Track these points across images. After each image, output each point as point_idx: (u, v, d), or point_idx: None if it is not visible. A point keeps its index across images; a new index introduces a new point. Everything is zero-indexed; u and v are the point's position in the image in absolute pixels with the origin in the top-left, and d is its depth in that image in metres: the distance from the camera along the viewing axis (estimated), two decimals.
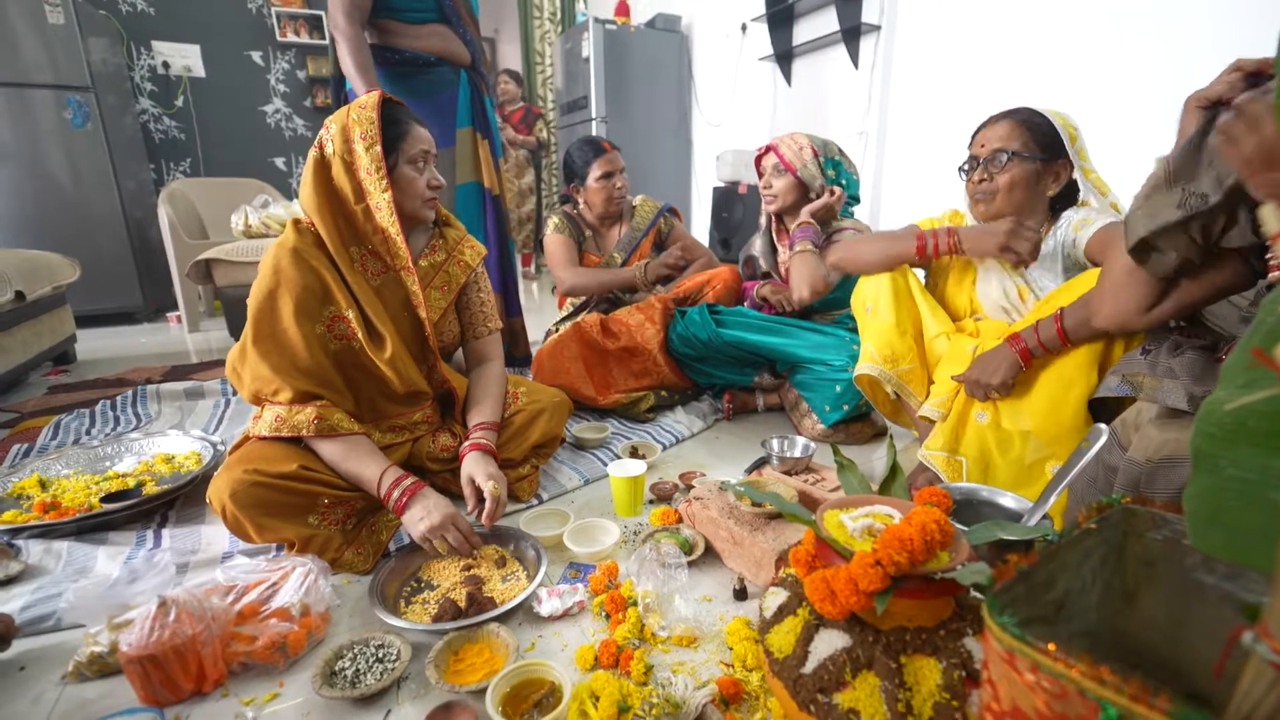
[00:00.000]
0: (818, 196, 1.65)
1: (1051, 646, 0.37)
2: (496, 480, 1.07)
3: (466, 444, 1.13)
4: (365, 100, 1.06)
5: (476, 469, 1.08)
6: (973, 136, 1.23)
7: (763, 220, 1.83)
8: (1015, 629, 0.40)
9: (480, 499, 1.07)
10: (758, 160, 1.73)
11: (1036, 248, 1.13)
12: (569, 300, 2.06)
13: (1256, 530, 0.40)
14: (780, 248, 1.79)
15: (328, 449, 1.03)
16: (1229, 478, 0.43)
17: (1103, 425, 0.76)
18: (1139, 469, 0.73)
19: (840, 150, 1.71)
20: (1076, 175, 1.17)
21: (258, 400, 1.05)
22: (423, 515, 0.98)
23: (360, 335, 1.08)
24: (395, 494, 1.00)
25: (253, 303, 1.04)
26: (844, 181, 1.68)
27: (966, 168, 1.22)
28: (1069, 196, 1.21)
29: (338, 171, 1.06)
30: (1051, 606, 0.52)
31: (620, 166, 1.92)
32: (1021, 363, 1.08)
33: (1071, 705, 0.37)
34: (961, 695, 0.55)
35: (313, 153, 1.07)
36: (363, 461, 1.03)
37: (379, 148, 1.04)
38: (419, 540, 0.99)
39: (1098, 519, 0.53)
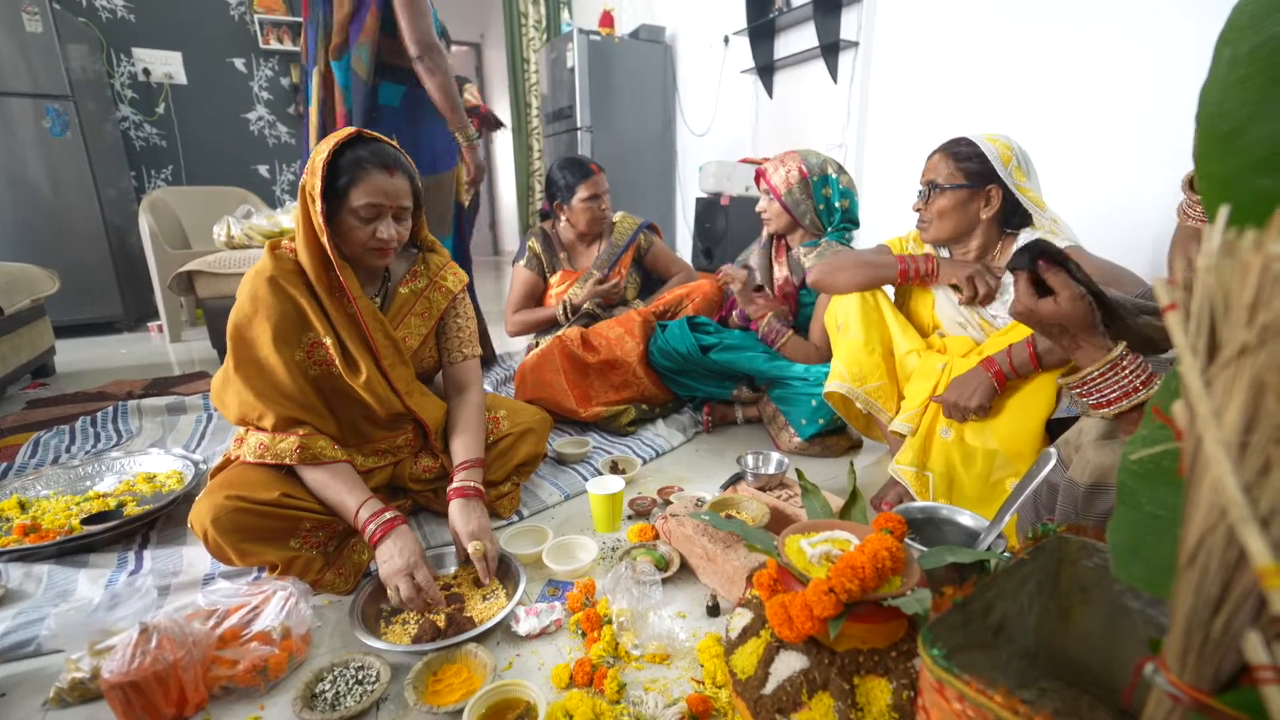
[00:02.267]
0: (807, 224, 1.69)
1: (972, 680, 0.41)
2: (480, 537, 1.04)
3: (451, 488, 1.11)
4: (337, 135, 1.03)
5: (460, 524, 1.06)
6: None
7: (764, 233, 1.86)
8: (944, 661, 0.43)
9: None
10: (755, 181, 1.78)
11: (990, 295, 1.21)
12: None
13: (1169, 563, 0.43)
14: (776, 265, 1.82)
15: (310, 475, 1.04)
16: (1147, 514, 0.47)
17: (1051, 450, 0.80)
18: (1077, 489, 0.78)
19: (839, 167, 1.71)
20: (1014, 193, 1.21)
21: (244, 424, 1.06)
22: (388, 557, 0.97)
23: (338, 361, 1.08)
24: (371, 527, 1.00)
25: (232, 330, 1.04)
26: (844, 202, 1.70)
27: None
28: (1016, 213, 1.24)
29: (309, 204, 1.04)
30: (990, 631, 0.56)
31: (605, 188, 1.96)
32: (997, 386, 1.11)
33: None
34: (910, 715, 0.58)
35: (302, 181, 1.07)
36: (343, 490, 1.03)
37: (319, 187, 1.00)
38: (383, 581, 0.98)
39: (1033, 548, 0.57)
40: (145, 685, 0.77)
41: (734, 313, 1.87)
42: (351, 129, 1.05)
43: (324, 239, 1.03)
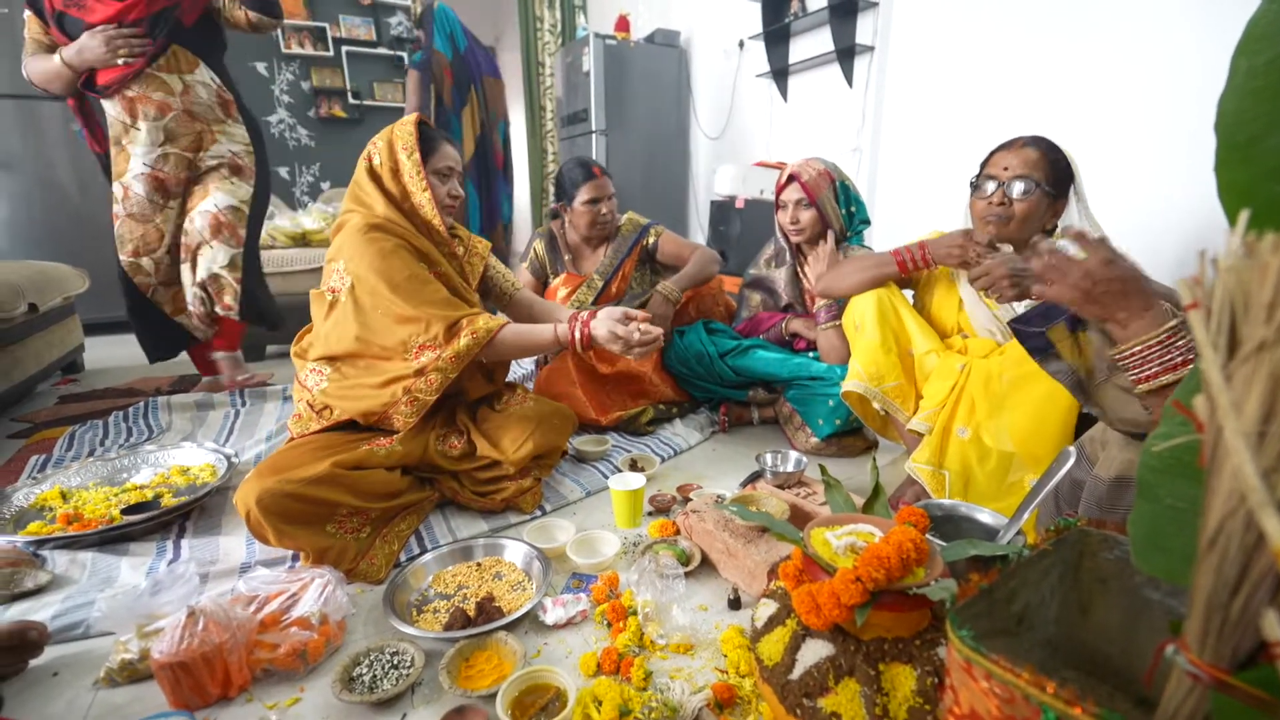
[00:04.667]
0: (837, 229, 1.70)
1: (999, 658, 0.43)
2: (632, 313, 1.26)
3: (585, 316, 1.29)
4: (405, 120, 1.29)
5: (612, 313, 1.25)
6: (991, 155, 1.23)
7: (770, 248, 1.85)
8: (971, 641, 0.45)
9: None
10: (779, 189, 1.72)
11: (1003, 281, 1.11)
12: None
13: (1188, 553, 0.45)
14: (803, 278, 1.81)
15: (500, 348, 1.23)
16: (1166, 506, 0.49)
17: (1070, 448, 0.82)
18: (1102, 485, 0.79)
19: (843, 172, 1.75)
20: (1074, 207, 1.20)
21: (404, 349, 1.18)
22: (602, 333, 1.21)
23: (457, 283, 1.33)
24: (575, 335, 1.22)
25: (369, 264, 1.19)
26: (853, 208, 1.73)
27: (977, 184, 1.23)
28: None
29: (386, 178, 1.28)
30: (1013, 619, 0.58)
31: (609, 193, 1.91)
32: None
33: (1018, 709, 0.43)
34: (934, 700, 0.61)
35: (362, 164, 1.30)
36: (530, 335, 1.25)
37: (418, 155, 1.26)
38: (618, 350, 1.22)
39: (1054, 540, 0.59)
40: (193, 665, 0.80)
41: (765, 331, 1.84)
42: (416, 115, 1.31)
43: (425, 195, 1.27)
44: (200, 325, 2.05)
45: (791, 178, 1.67)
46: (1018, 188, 1.17)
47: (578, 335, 1.21)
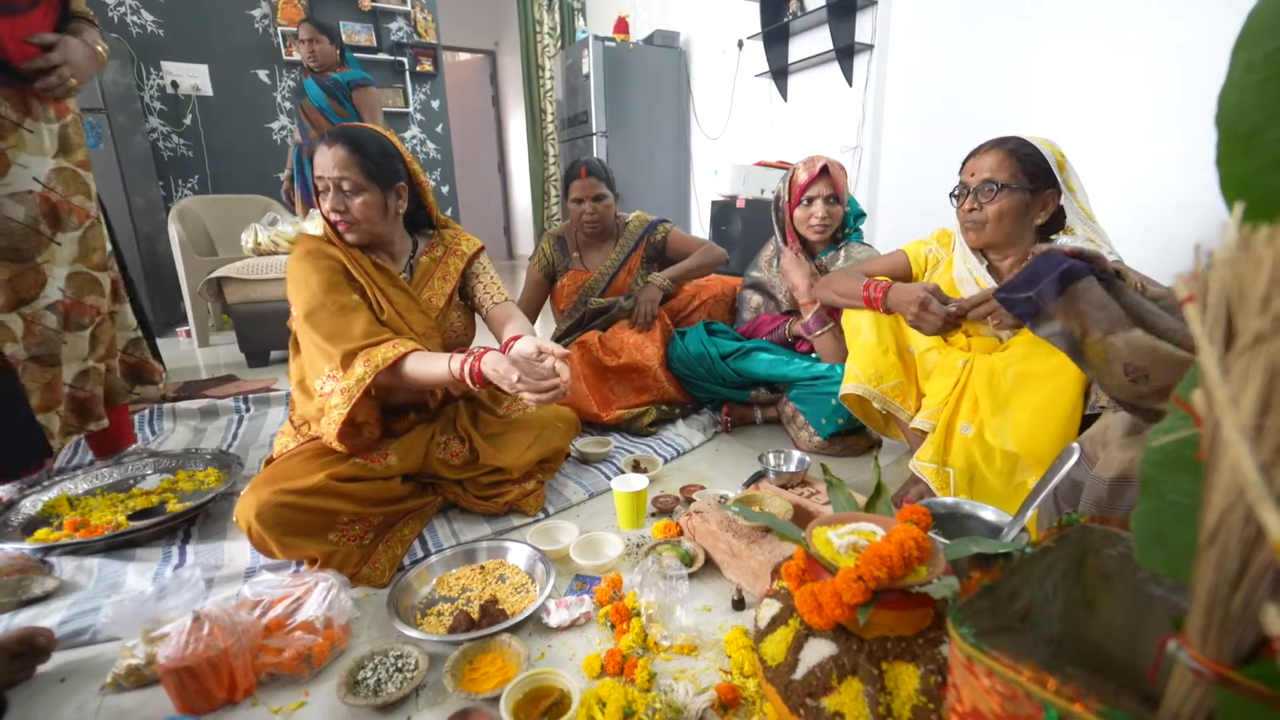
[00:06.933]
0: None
1: (1000, 655, 0.43)
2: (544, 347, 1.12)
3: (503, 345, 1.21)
4: None
5: (523, 347, 1.13)
6: (964, 163, 1.26)
7: (770, 248, 1.85)
8: (973, 639, 0.45)
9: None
10: (809, 182, 1.66)
11: (947, 323, 1.20)
12: (558, 324, 2.11)
13: (1190, 548, 0.45)
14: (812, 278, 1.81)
15: (401, 379, 1.11)
16: (1169, 502, 0.49)
17: (1074, 445, 0.81)
18: (1102, 485, 0.79)
19: None
20: (1065, 201, 1.20)
21: (314, 388, 1.13)
22: (492, 367, 1.05)
23: (380, 308, 1.22)
24: (467, 366, 1.07)
25: (297, 294, 1.17)
26: (845, 208, 1.73)
27: (957, 193, 1.26)
28: (1056, 221, 1.25)
29: None
30: (1016, 617, 0.57)
31: (592, 193, 1.91)
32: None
33: (1020, 706, 0.42)
34: (938, 699, 0.60)
35: None
36: (428, 366, 1.09)
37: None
38: (507, 389, 1.05)
39: (1057, 536, 0.59)
40: (199, 670, 0.81)
41: (769, 333, 1.83)
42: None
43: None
44: (83, 420, 1.43)
45: (824, 170, 1.64)
46: (982, 192, 1.19)
47: (467, 370, 1.07)
